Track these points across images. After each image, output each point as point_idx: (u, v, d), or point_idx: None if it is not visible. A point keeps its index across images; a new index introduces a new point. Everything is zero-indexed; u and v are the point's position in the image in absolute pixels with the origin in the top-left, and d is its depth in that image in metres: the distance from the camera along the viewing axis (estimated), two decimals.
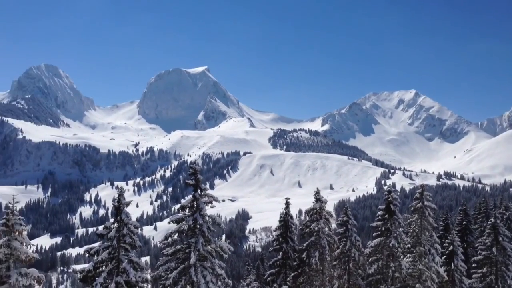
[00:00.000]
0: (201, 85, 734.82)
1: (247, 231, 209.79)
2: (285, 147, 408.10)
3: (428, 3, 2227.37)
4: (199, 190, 24.33)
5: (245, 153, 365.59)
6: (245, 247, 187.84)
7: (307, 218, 33.27)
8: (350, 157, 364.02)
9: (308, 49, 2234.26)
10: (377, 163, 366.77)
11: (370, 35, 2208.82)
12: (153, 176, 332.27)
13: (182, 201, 26.63)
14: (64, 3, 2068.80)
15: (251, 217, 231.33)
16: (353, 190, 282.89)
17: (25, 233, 18.44)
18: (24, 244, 18.23)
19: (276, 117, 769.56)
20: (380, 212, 33.00)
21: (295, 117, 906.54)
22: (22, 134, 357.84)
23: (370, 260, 33.06)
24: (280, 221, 33.72)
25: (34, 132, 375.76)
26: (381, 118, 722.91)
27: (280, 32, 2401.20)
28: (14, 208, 18.30)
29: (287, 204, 33.39)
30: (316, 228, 31.93)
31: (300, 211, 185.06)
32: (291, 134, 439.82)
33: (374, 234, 33.20)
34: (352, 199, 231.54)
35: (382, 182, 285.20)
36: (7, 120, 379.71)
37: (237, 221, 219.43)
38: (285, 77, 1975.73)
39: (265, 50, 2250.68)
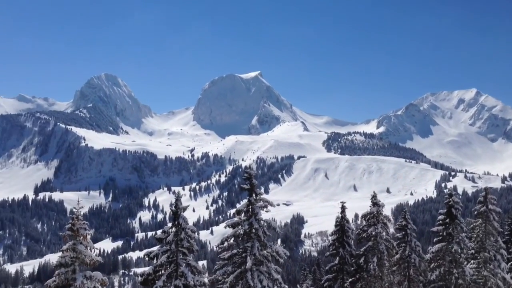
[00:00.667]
0: (254, 90, 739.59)
1: (302, 236, 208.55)
2: (339, 150, 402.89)
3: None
4: (254, 195, 24.44)
5: (299, 157, 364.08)
6: (300, 251, 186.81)
7: (364, 223, 32.66)
8: (407, 160, 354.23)
9: (362, 50, 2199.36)
10: (436, 165, 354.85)
11: (426, 34, 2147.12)
12: (209, 181, 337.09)
13: (238, 205, 26.85)
14: (121, 14, 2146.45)
15: (306, 221, 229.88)
16: (411, 194, 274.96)
17: (89, 237, 19.19)
18: (89, 248, 18.97)
19: (330, 120, 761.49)
20: (441, 217, 31.90)
21: (349, 120, 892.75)
22: (84, 142, 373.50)
23: (431, 266, 32.01)
24: (336, 226, 33.28)
25: (96, 140, 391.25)
26: (440, 119, 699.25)
27: (333, 34, 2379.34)
28: (79, 213, 19.11)
29: (343, 208, 32.91)
30: (373, 233, 31.28)
31: (356, 215, 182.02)
32: (345, 137, 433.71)
33: (435, 239, 32.13)
34: (411, 203, 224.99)
35: (442, 185, 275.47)
36: (71, 129, 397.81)
37: (292, 225, 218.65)
38: (339, 79, 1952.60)
39: (318, 53, 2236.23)
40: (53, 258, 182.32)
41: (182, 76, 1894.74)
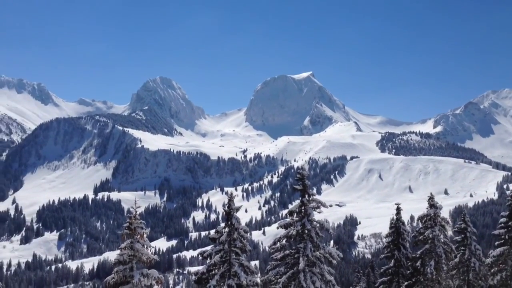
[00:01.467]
0: (307, 90, 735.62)
1: (355, 237, 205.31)
2: (394, 151, 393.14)
3: None
4: (306, 195, 24.32)
5: (352, 158, 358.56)
6: (354, 253, 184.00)
7: (420, 225, 31.78)
8: (466, 160, 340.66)
9: (417, 49, 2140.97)
10: (498, 166, 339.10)
11: (487, 31, 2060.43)
12: (261, 182, 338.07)
13: (290, 206, 26.85)
14: (176, 19, 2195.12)
15: (360, 223, 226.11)
16: (471, 195, 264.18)
17: (145, 236, 19.75)
18: (145, 247, 19.53)
19: (383, 120, 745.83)
20: (503, 219, 30.54)
21: (404, 119, 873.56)
22: (140, 144, 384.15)
23: (492, 270, 30.69)
24: (391, 228, 32.54)
25: (151, 141, 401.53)
26: (501, 118, 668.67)
27: (387, 33, 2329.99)
28: (136, 212, 19.71)
29: (398, 209, 32.12)
30: (430, 236, 30.36)
31: (412, 217, 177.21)
32: (400, 137, 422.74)
33: (496, 243, 30.80)
34: (470, 205, 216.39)
35: (504, 186, 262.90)
36: (128, 131, 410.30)
37: (345, 226, 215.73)
38: (393, 78, 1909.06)
39: (371, 52, 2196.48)
40: (111, 255, 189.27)
41: (234, 77, 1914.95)
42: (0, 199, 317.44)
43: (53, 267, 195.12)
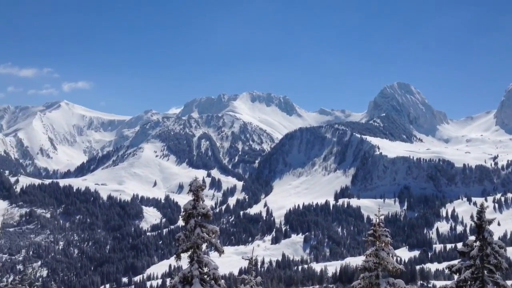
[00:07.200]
0: None
1: None
2: None
3: None
4: None
5: None
6: None
7: None
8: None
9: None
10: None
11: None
12: None
13: None
14: (418, 23, 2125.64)
15: None
16: None
17: (390, 244, 19.80)
18: (390, 255, 19.59)
19: None
20: None
21: None
22: (378, 151, 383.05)
23: None
24: None
25: (389, 148, 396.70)
26: None
27: None
28: (380, 220, 19.96)
29: None
30: None
31: None
32: None
33: None
34: None
35: None
36: (366, 138, 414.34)
37: None
38: None
39: None
40: (352, 261, 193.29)
41: (481, 78, 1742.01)
42: (254, 202, 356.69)
43: (299, 268, 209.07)
